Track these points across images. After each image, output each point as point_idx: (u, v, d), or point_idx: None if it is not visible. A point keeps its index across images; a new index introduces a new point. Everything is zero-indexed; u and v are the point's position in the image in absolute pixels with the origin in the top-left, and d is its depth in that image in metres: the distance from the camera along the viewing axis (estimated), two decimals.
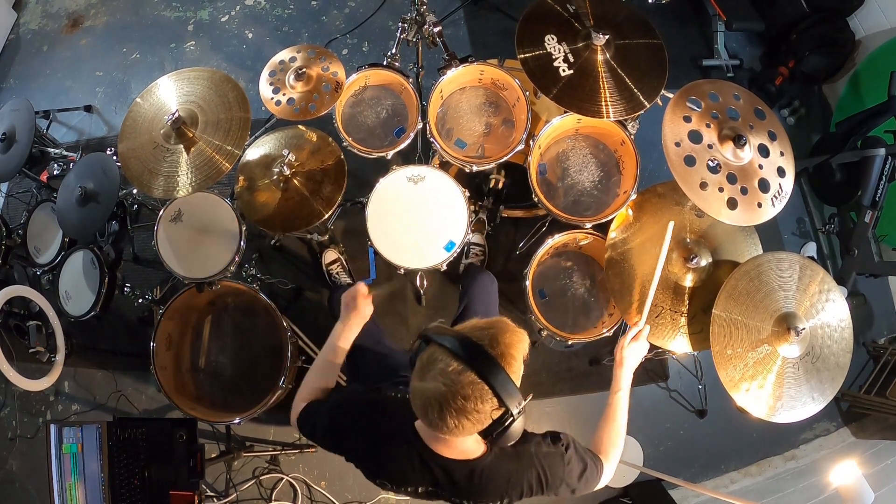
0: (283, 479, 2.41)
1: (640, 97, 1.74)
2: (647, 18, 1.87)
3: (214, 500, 2.33)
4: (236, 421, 1.97)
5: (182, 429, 1.89)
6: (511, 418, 1.01)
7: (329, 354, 1.40)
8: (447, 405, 0.97)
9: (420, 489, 1.18)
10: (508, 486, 1.15)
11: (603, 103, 1.73)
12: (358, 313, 1.42)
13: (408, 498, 2.38)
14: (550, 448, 1.19)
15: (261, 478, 2.41)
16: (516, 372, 1.03)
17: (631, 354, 1.46)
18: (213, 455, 2.24)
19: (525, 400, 1.03)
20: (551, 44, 1.78)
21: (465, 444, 1.11)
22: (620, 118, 1.76)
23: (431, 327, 1.06)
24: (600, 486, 1.29)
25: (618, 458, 1.33)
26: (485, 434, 1.03)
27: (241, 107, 1.81)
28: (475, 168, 2.01)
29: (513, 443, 1.07)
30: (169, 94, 1.88)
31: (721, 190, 1.60)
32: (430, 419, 1.00)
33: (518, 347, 1.04)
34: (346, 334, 1.41)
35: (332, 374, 1.39)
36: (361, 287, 1.45)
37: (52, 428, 1.84)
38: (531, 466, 1.15)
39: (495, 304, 1.87)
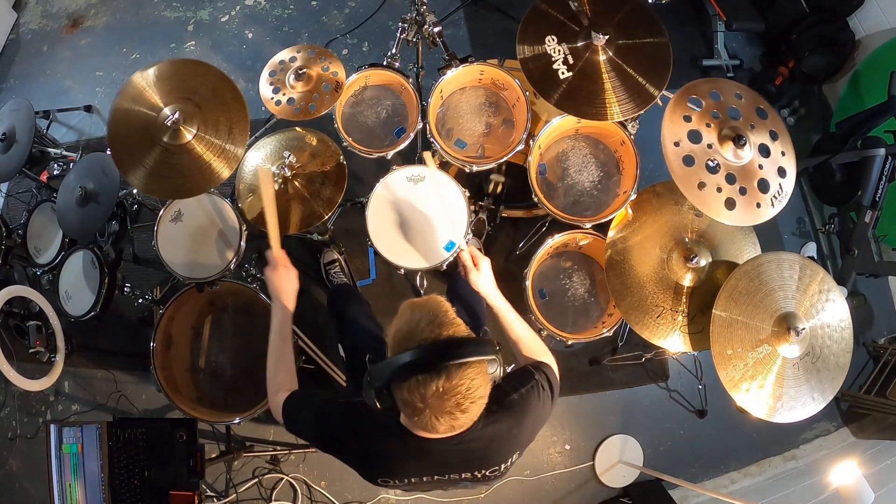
0: (283, 479, 2.41)
1: (649, 88, 1.71)
2: (650, 13, 1.84)
3: (214, 500, 2.33)
4: (236, 421, 1.97)
5: (182, 429, 1.89)
6: (499, 356, 1.00)
7: (281, 342, 1.40)
8: (462, 408, 0.95)
9: (425, 478, 1.17)
10: (514, 441, 1.16)
11: (607, 105, 1.70)
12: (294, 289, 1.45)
13: (409, 498, 2.41)
14: (528, 387, 1.19)
15: (261, 478, 2.41)
16: (464, 325, 1.02)
17: (482, 283, 1.45)
18: (213, 455, 2.24)
19: (488, 333, 1.03)
20: (551, 45, 1.77)
21: None
22: (629, 117, 1.75)
23: (373, 376, 1.01)
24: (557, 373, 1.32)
25: (541, 344, 1.36)
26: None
27: (239, 108, 1.80)
28: (475, 168, 2.01)
29: (492, 399, 1.04)
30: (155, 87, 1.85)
31: (719, 190, 1.60)
32: (458, 421, 0.98)
33: (449, 310, 1.03)
34: (288, 316, 1.42)
35: (291, 358, 1.40)
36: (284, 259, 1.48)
37: (52, 428, 1.83)
38: (524, 416, 1.16)
39: (480, 300, 1.86)
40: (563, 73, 1.75)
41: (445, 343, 0.97)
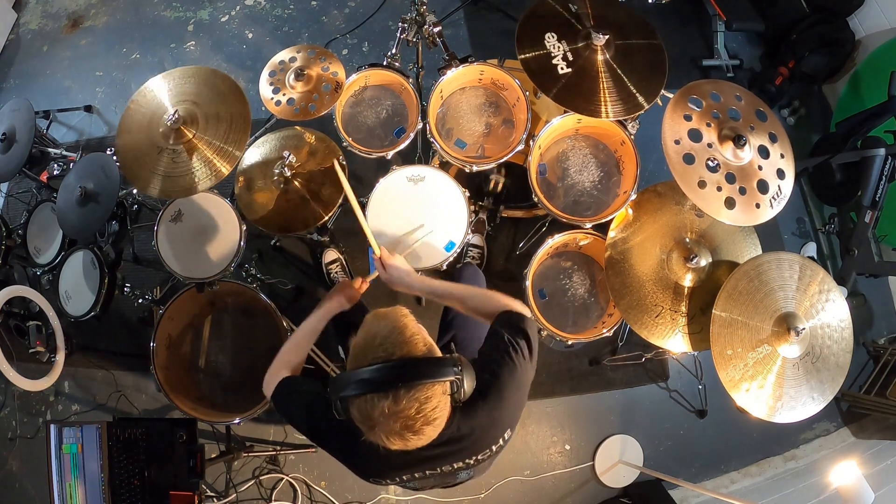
0: (283, 479, 2.41)
1: (639, 98, 1.74)
2: (648, 19, 1.87)
3: (214, 500, 2.33)
4: (236, 421, 1.97)
5: (182, 429, 1.89)
6: (460, 377, 0.98)
7: (308, 334, 1.44)
8: (413, 428, 0.95)
9: (416, 474, 1.17)
10: (499, 424, 1.13)
11: (602, 103, 1.73)
12: (346, 305, 1.49)
13: (409, 498, 2.41)
14: (499, 359, 1.15)
15: (261, 478, 2.41)
16: (424, 343, 1.00)
17: (396, 281, 1.44)
18: (213, 455, 2.24)
19: (452, 351, 1.01)
20: (551, 42, 1.78)
21: None
22: (619, 118, 1.77)
23: (332, 386, 1.01)
24: (526, 311, 1.29)
25: (492, 296, 1.34)
26: (453, 400, 1.01)
27: (241, 107, 1.81)
28: (475, 168, 2.01)
29: (471, 394, 1.03)
30: (164, 92, 1.87)
31: (719, 189, 1.60)
32: (411, 443, 0.98)
33: (408, 325, 1.01)
34: (327, 319, 1.46)
35: (305, 351, 1.44)
36: (361, 286, 1.51)
37: (52, 428, 1.84)
38: (502, 397, 1.12)
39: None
40: (562, 68, 1.75)
41: (396, 364, 0.96)
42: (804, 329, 1.59)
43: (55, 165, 2.45)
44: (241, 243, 1.99)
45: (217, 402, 2.10)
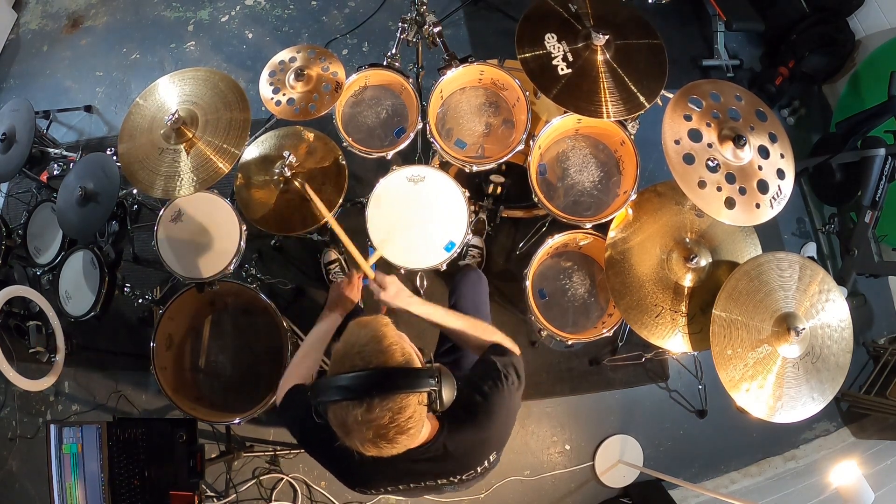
0: (283, 479, 2.42)
1: (640, 98, 1.74)
2: (648, 19, 1.87)
3: (214, 500, 2.33)
4: (236, 421, 1.97)
5: (182, 429, 1.89)
6: (436, 389, 0.98)
7: (316, 343, 1.44)
8: (386, 437, 0.95)
9: (401, 486, 1.17)
10: (484, 446, 1.13)
11: (602, 103, 1.73)
12: (349, 307, 1.49)
13: (409, 499, 2.41)
14: (490, 384, 1.15)
15: (261, 478, 2.41)
16: (402, 353, 0.99)
17: (393, 301, 1.41)
18: (213, 455, 2.24)
19: (432, 361, 1.01)
20: (551, 42, 1.78)
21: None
22: (620, 118, 1.77)
23: (312, 391, 1.01)
24: (516, 349, 1.29)
25: (485, 326, 1.34)
26: (430, 410, 1.01)
27: (241, 107, 1.82)
28: (475, 168, 2.01)
29: (454, 404, 1.02)
30: (169, 94, 1.89)
31: (719, 189, 1.60)
32: (385, 451, 0.97)
33: (388, 334, 1.00)
34: (334, 324, 1.46)
35: (313, 359, 1.42)
36: (357, 280, 1.53)
37: (52, 428, 1.84)
38: (490, 419, 1.12)
39: (485, 300, 1.86)
40: (562, 69, 1.75)
41: (372, 373, 0.96)
42: (804, 329, 1.59)
43: (55, 165, 2.46)
44: (241, 243, 1.98)
45: (217, 402, 2.10)
